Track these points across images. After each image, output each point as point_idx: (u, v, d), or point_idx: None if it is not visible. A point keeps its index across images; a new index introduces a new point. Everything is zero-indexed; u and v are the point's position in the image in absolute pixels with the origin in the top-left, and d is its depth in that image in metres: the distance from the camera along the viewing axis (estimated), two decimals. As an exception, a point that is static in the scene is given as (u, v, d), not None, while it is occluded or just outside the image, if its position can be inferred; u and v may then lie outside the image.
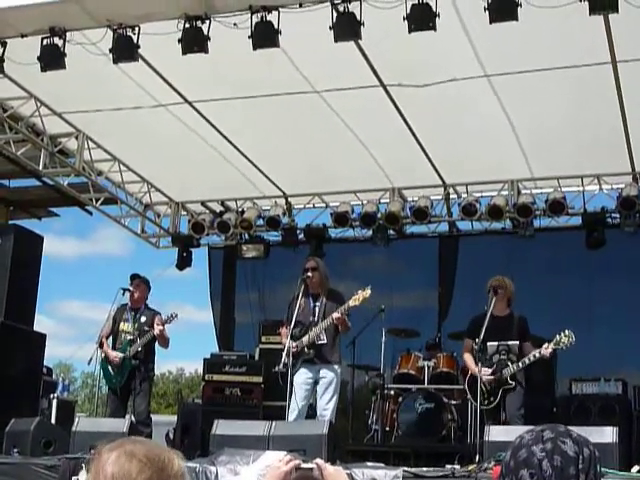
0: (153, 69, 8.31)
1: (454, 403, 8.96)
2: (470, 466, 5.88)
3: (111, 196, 11.10)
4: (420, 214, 10.51)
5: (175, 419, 10.06)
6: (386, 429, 9.17)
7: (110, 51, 6.90)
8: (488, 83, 8.16)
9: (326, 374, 7.43)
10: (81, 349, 10.53)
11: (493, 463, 5.42)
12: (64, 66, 7.05)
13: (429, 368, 9.27)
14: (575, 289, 10.42)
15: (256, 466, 5.45)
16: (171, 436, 9.60)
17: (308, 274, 7.57)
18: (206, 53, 6.74)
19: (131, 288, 8.63)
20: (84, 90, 8.72)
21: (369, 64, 7.97)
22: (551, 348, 7.05)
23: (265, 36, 6.56)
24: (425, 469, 5.96)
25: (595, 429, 5.48)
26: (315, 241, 11.28)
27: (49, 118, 9.51)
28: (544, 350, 7.09)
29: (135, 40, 6.86)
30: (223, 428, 6.50)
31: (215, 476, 5.67)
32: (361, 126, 9.25)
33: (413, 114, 8.95)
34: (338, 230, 11.31)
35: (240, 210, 11.48)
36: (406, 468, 5.78)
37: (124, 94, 8.76)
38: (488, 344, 7.27)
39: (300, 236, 11.48)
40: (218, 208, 11.84)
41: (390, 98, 8.59)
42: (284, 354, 7.27)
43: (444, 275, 11.32)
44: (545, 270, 10.46)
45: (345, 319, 7.38)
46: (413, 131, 9.26)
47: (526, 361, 7.22)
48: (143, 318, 8.57)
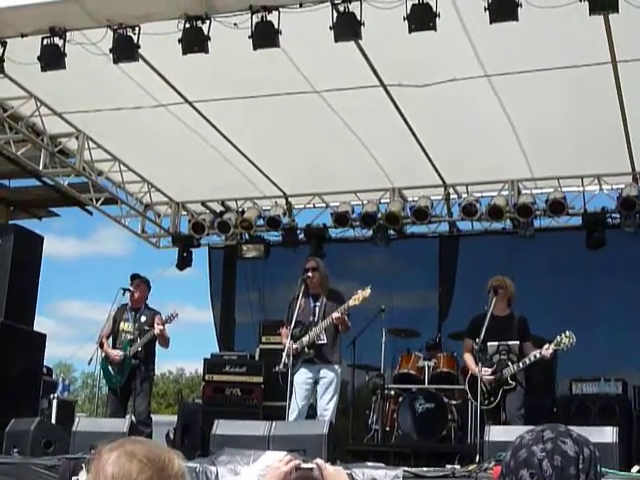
0: (153, 69, 8.31)
1: (454, 403, 8.96)
2: (470, 466, 5.88)
3: (111, 196, 11.09)
4: (420, 214, 10.50)
5: (175, 419, 10.06)
6: (386, 429, 9.17)
7: (110, 51, 6.90)
8: (488, 83, 8.16)
9: (326, 374, 7.43)
10: (81, 349, 10.56)
11: (493, 463, 5.42)
12: (64, 66, 7.05)
13: (429, 368, 9.27)
14: (575, 289, 10.42)
15: (256, 466, 5.45)
16: (171, 436, 9.60)
17: (308, 274, 7.56)
18: (206, 53, 6.74)
19: (131, 288, 8.63)
20: (84, 90, 8.72)
21: (369, 64, 7.97)
22: (552, 349, 7.04)
23: (265, 36, 6.56)
24: (425, 469, 5.95)
25: (595, 429, 5.47)
26: (315, 241, 11.28)
27: (49, 118, 9.51)
28: (545, 351, 7.08)
29: (135, 40, 6.86)
30: (223, 428, 6.50)
31: (215, 476, 5.67)
32: (361, 126, 9.25)
33: (413, 114, 8.95)
34: (338, 230, 11.30)
35: (240, 210, 11.48)
36: (406, 468, 5.77)
37: (124, 94, 8.76)
38: (488, 344, 7.26)
39: (300, 236, 11.47)
40: (218, 208, 11.83)
41: (390, 98, 8.59)
42: (284, 354, 7.26)
43: (444, 275, 11.31)
44: (545, 270, 10.46)
45: (345, 319, 7.37)
46: (413, 131, 9.26)
47: (526, 361, 7.20)
48: (143, 318, 8.56)
